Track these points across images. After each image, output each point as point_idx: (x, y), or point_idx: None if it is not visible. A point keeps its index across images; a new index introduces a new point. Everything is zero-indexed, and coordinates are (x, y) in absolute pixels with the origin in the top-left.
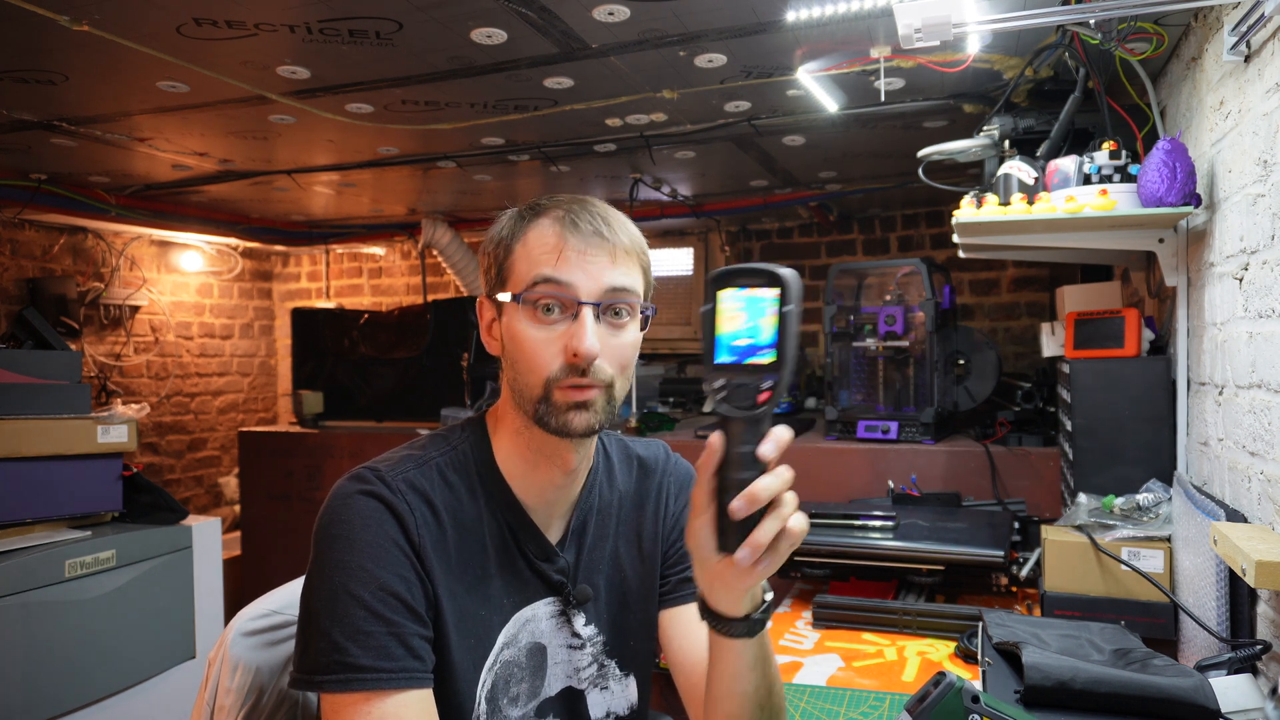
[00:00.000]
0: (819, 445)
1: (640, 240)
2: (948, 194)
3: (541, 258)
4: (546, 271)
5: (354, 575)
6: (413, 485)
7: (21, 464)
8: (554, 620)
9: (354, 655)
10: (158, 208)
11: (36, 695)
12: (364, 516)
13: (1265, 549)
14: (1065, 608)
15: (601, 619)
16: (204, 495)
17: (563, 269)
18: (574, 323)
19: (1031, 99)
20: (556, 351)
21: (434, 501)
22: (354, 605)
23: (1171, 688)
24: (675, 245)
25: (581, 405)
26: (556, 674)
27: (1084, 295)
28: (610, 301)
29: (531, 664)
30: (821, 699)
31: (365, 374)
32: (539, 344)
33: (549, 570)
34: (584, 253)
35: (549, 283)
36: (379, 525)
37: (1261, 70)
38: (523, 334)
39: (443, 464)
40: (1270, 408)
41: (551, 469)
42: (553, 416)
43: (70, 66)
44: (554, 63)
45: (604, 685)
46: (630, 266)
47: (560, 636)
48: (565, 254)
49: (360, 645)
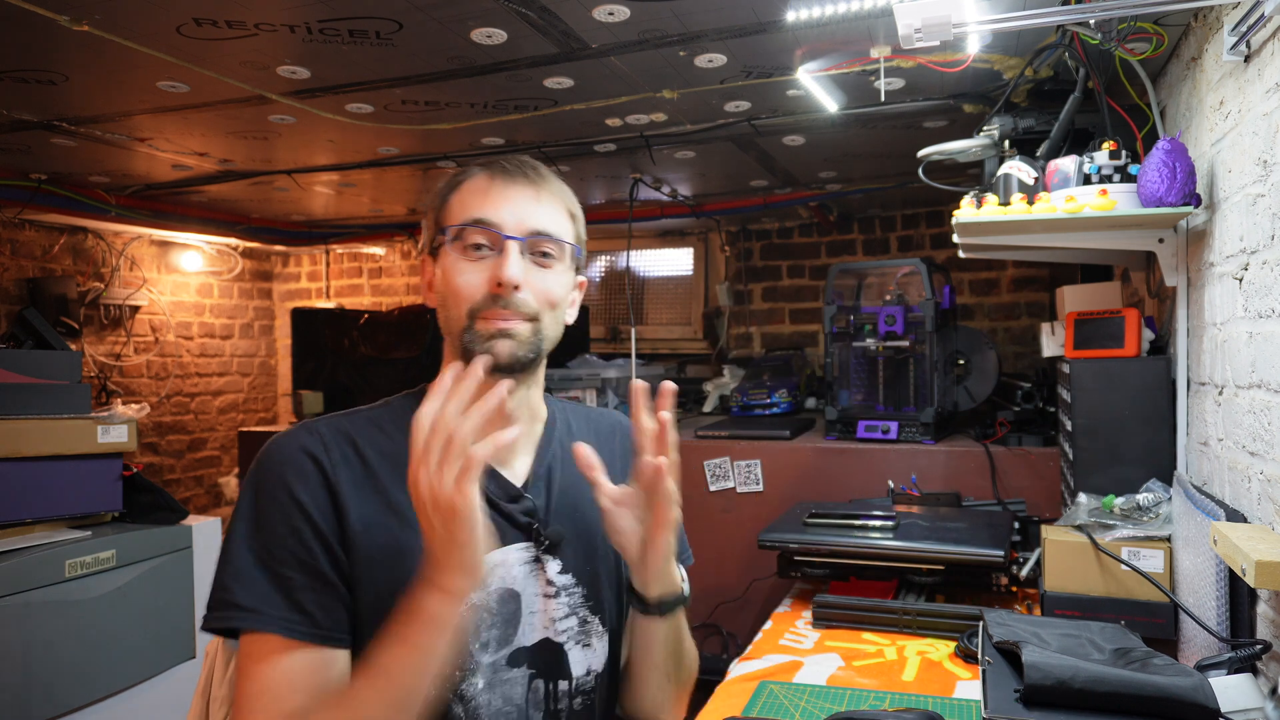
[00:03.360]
0: (819, 445)
1: (568, 192)
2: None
3: (472, 201)
4: (475, 213)
5: (249, 523)
6: (335, 428)
7: (21, 464)
8: (526, 566)
9: (237, 594)
10: (158, 208)
11: (36, 695)
12: (270, 467)
13: (1265, 549)
14: (1065, 607)
15: (581, 569)
16: (204, 495)
17: (489, 209)
18: (500, 256)
19: (1031, 99)
20: (481, 282)
21: (357, 440)
22: (245, 550)
23: (1171, 687)
24: (675, 245)
25: (504, 333)
26: (533, 624)
27: (1084, 295)
28: (536, 240)
29: (504, 611)
30: (821, 699)
31: (365, 374)
32: (466, 277)
33: (515, 511)
34: (509, 196)
35: (477, 223)
36: (281, 477)
37: (1261, 70)
38: (452, 270)
39: (372, 415)
40: (1270, 408)
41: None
42: (477, 342)
43: (70, 66)
44: (554, 63)
45: (586, 642)
46: (557, 212)
47: (533, 584)
48: (491, 195)
49: (244, 587)
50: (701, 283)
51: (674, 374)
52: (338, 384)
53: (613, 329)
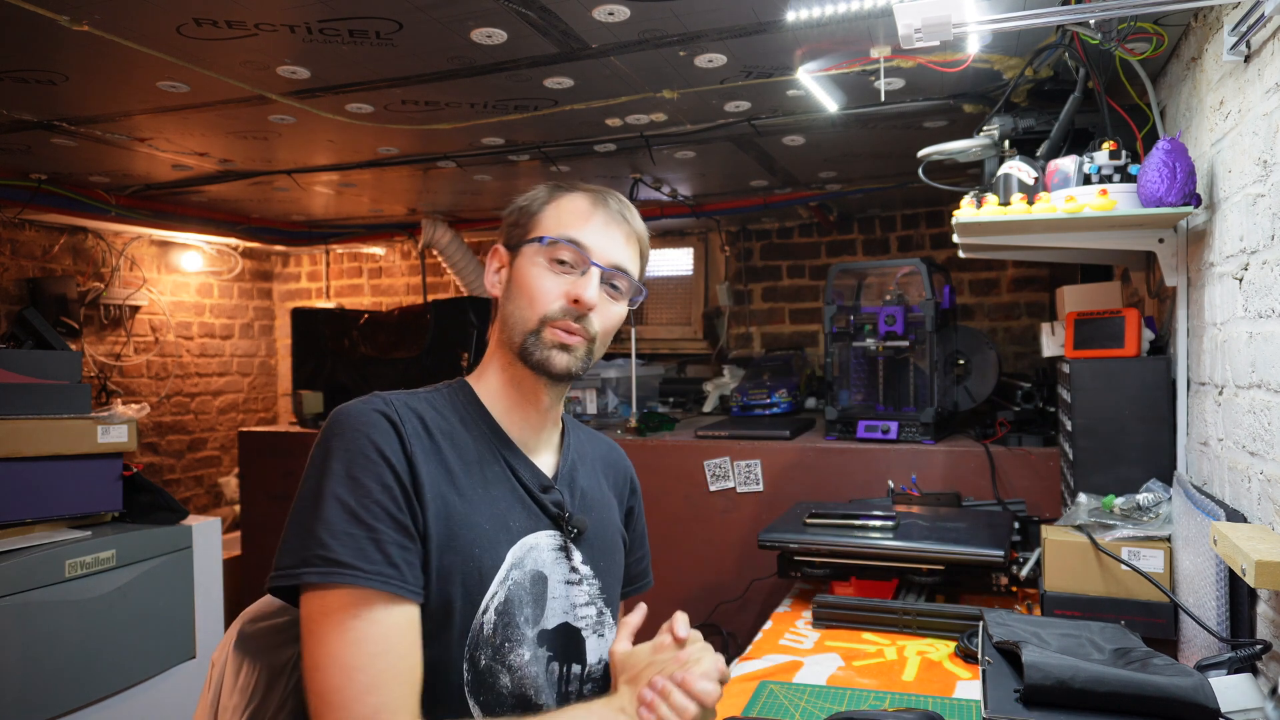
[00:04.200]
0: (819, 445)
1: (646, 235)
2: (948, 194)
3: (570, 220)
4: (572, 233)
5: (339, 481)
6: (404, 404)
7: (21, 464)
8: (554, 552)
9: (335, 551)
10: (158, 208)
11: (36, 695)
12: (354, 428)
13: (1265, 549)
14: (1065, 607)
15: (597, 564)
16: (204, 495)
17: (587, 234)
18: (582, 277)
19: (1031, 99)
20: (559, 294)
21: (424, 418)
22: (337, 507)
23: (1171, 687)
24: (675, 245)
25: (566, 347)
26: (555, 608)
27: (1084, 295)
28: (613, 274)
29: (534, 591)
30: (821, 698)
31: (365, 374)
32: (546, 284)
33: (546, 500)
34: (607, 227)
35: (573, 242)
36: (368, 436)
37: (1261, 70)
38: (533, 274)
39: (429, 398)
40: (1270, 408)
41: (528, 407)
42: (539, 349)
43: (70, 66)
44: (554, 63)
45: (600, 632)
46: (635, 253)
47: (560, 570)
48: (592, 222)
49: (341, 543)
50: (701, 283)
51: (674, 374)
52: (337, 384)
53: None
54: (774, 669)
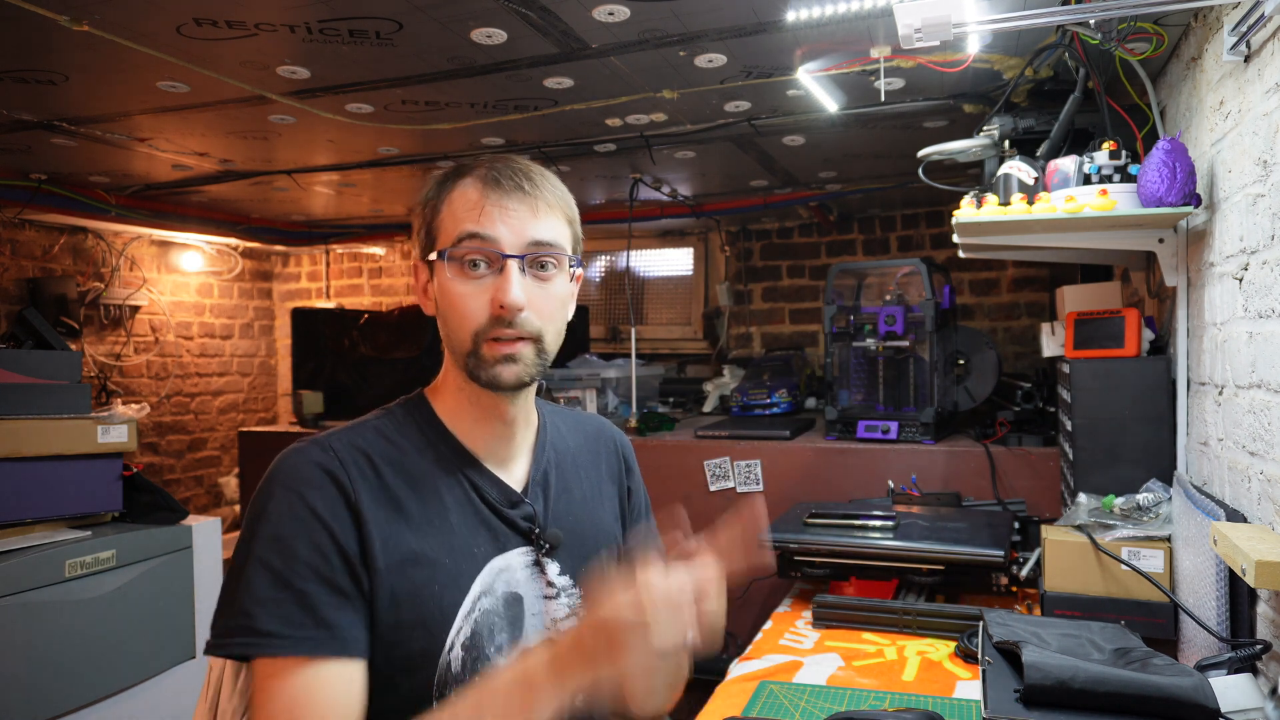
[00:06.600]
0: (819, 445)
1: (565, 195)
2: (948, 194)
3: (465, 215)
4: (470, 227)
5: (265, 544)
6: (349, 443)
7: (21, 464)
8: (528, 570)
9: (258, 620)
10: (158, 208)
11: (36, 695)
12: (286, 486)
13: (1265, 549)
14: (1065, 607)
15: (576, 569)
16: (204, 495)
17: (485, 224)
18: (499, 276)
19: (1031, 99)
20: (483, 304)
21: (372, 455)
22: (262, 571)
23: (1171, 687)
24: (675, 245)
25: (509, 358)
26: (534, 625)
27: (1084, 295)
28: (535, 254)
29: (509, 614)
30: (821, 698)
31: (365, 374)
32: (466, 298)
33: (515, 517)
34: (505, 207)
35: (473, 238)
36: (299, 494)
37: (1261, 70)
38: (451, 290)
39: (378, 426)
40: (1270, 408)
41: (492, 421)
42: (482, 370)
43: (70, 66)
44: (554, 63)
45: None
46: (554, 220)
47: (535, 586)
48: (487, 209)
49: (266, 610)
50: (701, 283)
51: (674, 374)
52: (338, 384)
53: (613, 329)
54: (774, 669)
